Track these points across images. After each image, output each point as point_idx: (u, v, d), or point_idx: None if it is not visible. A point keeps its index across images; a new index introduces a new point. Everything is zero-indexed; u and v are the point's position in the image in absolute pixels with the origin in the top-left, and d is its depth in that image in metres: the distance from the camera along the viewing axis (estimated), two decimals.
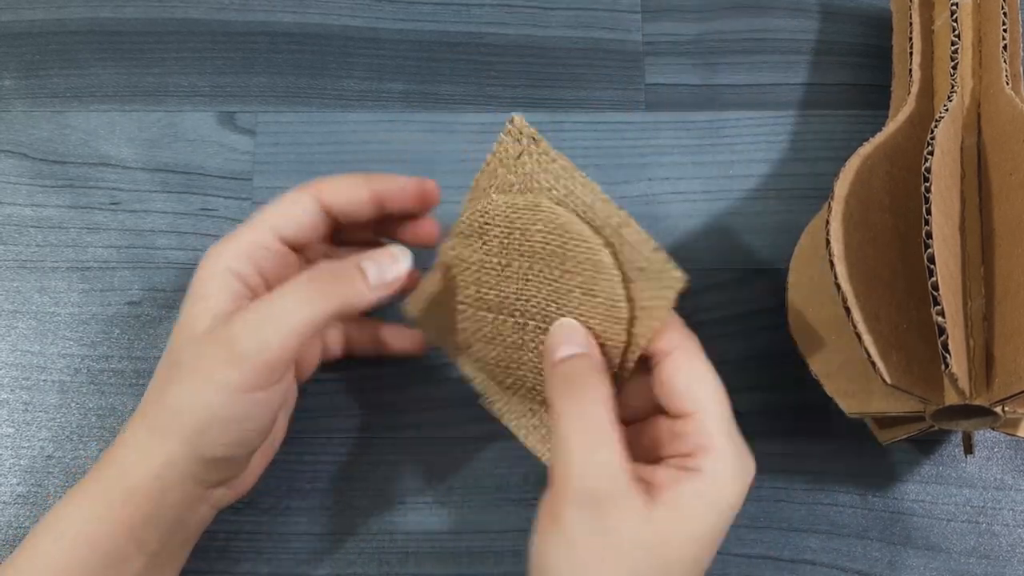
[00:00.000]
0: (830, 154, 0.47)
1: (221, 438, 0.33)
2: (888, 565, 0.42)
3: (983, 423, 0.36)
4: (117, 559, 0.33)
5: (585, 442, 0.30)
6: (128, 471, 0.33)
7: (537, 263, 0.35)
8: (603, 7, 0.49)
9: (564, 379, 0.32)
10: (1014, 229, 0.35)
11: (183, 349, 0.34)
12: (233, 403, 0.32)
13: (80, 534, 0.32)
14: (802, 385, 0.43)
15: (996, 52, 0.41)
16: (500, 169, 0.36)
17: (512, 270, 0.36)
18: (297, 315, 0.32)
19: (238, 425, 0.33)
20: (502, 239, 0.36)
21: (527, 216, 0.35)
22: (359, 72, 0.48)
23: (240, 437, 0.33)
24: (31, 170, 0.46)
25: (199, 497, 0.35)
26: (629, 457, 0.31)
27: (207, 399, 0.32)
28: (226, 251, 0.35)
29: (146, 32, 0.49)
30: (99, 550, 0.32)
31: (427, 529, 0.42)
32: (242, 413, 0.33)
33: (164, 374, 0.34)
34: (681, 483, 0.30)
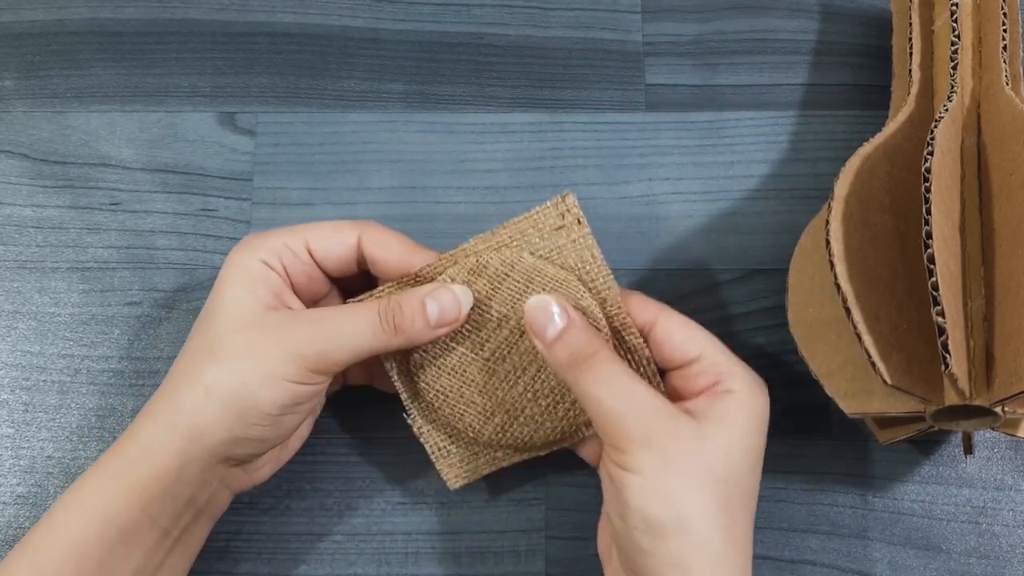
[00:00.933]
0: (830, 154, 0.47)
1: (259, 420, 0.34)
2: (888, 565, 0.42)
3: (983, 423, 0.36)
4: (131, 533, 0.33)
5: (617, 396, 0.33)
6: (151, 445, 0.34)
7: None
8: (603, 7, 0.49)
9: (567, 355, 0.34)
10: (1014, 229, 0.35)
11: (226, 333, 0.34)
12: (280, 391, 0.34)
13: (97, 507, 0.33)
14: (802, 385, 0.43)
15: (996, 52, 0.41)
16: (531, 231, 0.37)
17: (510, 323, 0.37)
18: (360, 341, 0.35)
19: (279, 411, 0.34)
20: (510, 291, 0.37)
21: (550, 284, 0.36)
22: (359, 72, 0.48)
23: (277, 422, 0.35)
24: (31, 170, 0.46)
25: (216, 475, 0.35)
26: (663, 395, 0.34)
27: (254, 383, 0.33)
28: (260, 245, 0.36)
29: (146, 32, 0.49)
30: (115, 524, 0.33)
31: (427, 529, 0.42)
32: (286, 401, 0.34)
33: (201, 354, 0.35)
34: (721, 402, 0.34)
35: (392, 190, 0.46)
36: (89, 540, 0.33)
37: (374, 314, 0.35)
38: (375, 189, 0.46)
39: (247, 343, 0.34)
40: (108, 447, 0.35)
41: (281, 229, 0.37)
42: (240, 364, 0.34)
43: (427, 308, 0.35)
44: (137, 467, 0.34)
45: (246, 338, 0.34)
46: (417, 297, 0.35)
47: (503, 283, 0.37)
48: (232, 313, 0.35)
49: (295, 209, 0.46)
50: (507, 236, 0.37)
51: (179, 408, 0.34)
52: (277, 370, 0.33)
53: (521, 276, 0.36)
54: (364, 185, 0.46)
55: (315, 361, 0.34)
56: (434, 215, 0.46)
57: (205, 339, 0.35)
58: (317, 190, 0.46)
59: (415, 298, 0.35)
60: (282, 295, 0.36)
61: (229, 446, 0.34)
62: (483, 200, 0.46)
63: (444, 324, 0.35)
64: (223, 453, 0.34)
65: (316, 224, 0.37)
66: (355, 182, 0.46)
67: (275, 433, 0.35)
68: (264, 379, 0.33)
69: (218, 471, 0.35)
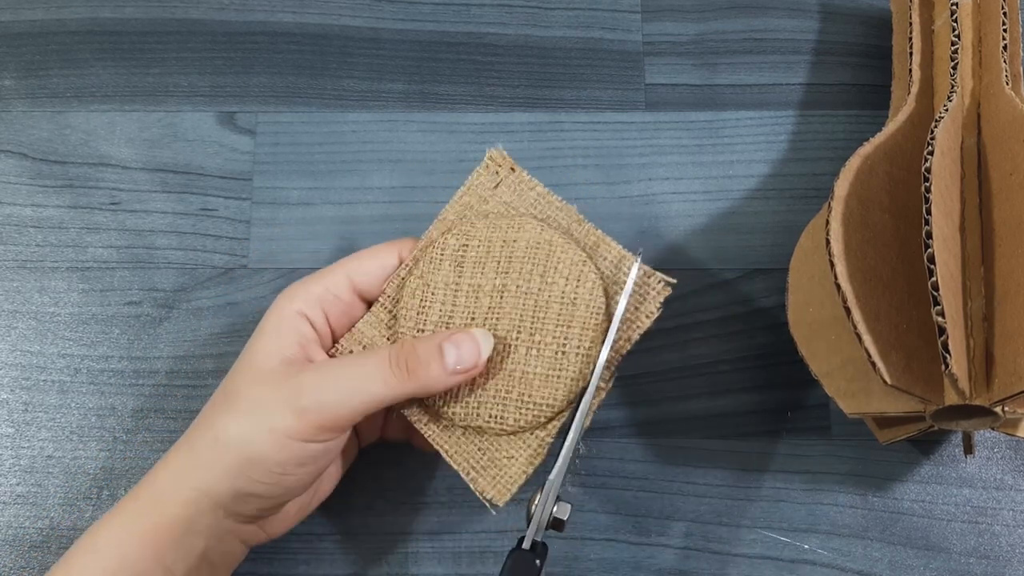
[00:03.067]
0: (830, 154, 0.47)
1: (262, 477, 0.33)
2: (888, 565, 0.42)
3: (983, 423, 0.36)
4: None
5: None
6: (164, 493, 0.33)
7: (514, 277, 0.36)
8: (603, 7, 0.49)
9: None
10: (1014, 229, 0.35)
11: (243, 384, 0.34)
12: (282, 448, 0.33)
13: (112, 551, 0.33)
14: (802, 385, 0.43)
15: (996, 52, 0.41)
16: (475, 201, 0.37)
17: (486, 290, 0.36)
18: (368, 388, 0.33)
19: (281, 469, 0.33)
20: (479, 259, 0.36)
21: (510, 233, 0.36)
22: (359, 72, 0.48)
23: (280, 480, 0.33)
24: (31, 170, 0.46)
25: (228, 530, 0.34)
26: None
27: (257, 437, 0.33)
28: (300, 294, 0.36)
29: (146, 32, 0.49)
30: (127, 568, 0.32)
31: (427, 529, 0.42)
32: (288, 459, 0.33)
33: (219, 403, 0.34)
34: None
35: (392, 190, 0.46)
36: None
37: (383, 361, 0.34)
38: (375, 189, 0.46)
39: (255, 396, 0.33)
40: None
41: (323, 271, 0.36)
42: (247, 417, 0.33)
43: (444, 353, 0.34)
44: (150, 514, 0.33)
45: (258, 391, 0.33)
46: (434, 342, 0.34)
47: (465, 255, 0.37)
48: (254, 364, 0.34)
49: (295, 209, 0.46)
50: (454, 215, 0.38)
51: (191, 456, 0.34)
52: (279, 426, 0.32)
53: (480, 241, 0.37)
54: (364, 185, 0.46)
55: (319, 416, 0.32)
56: (434, 215, 0.46)
57: (226, 389, 0.35)
58: (317, 189, 0.46)
59: (432, 343, 0.34)
60: (308, 348, 0.35)
61: (235, 501, 0.33)
62: None
63: (462, 371, 0.34)
64: (231, 508, 0.34)
65: (355, 256, 0.37)
66: (355, 182, 0.46)
67: (279, 491, 0.34)
68: (267, 435, 0.32)
69: (229, 526, 0.34)
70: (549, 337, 0.36)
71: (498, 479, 0.36)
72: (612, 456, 0.43)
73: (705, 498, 0.42)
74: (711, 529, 0.42)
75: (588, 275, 0.36)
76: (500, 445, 0.36)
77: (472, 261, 0.37)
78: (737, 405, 0.44)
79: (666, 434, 0.43)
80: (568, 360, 0.36)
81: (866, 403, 0.37)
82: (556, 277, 0.36)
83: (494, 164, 0.38)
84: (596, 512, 0.42)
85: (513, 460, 0.36)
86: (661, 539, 0.42)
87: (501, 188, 0.37)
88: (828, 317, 0.39)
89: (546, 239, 0.36)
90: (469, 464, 0.36)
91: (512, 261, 0.36)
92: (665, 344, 0.44)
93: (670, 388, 0.44)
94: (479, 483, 0.36)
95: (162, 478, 0.34)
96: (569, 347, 0.35)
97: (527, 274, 0.36)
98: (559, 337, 0.36)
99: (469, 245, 0.37)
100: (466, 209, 0.38)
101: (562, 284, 0.36)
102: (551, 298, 0.36)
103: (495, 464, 0.36)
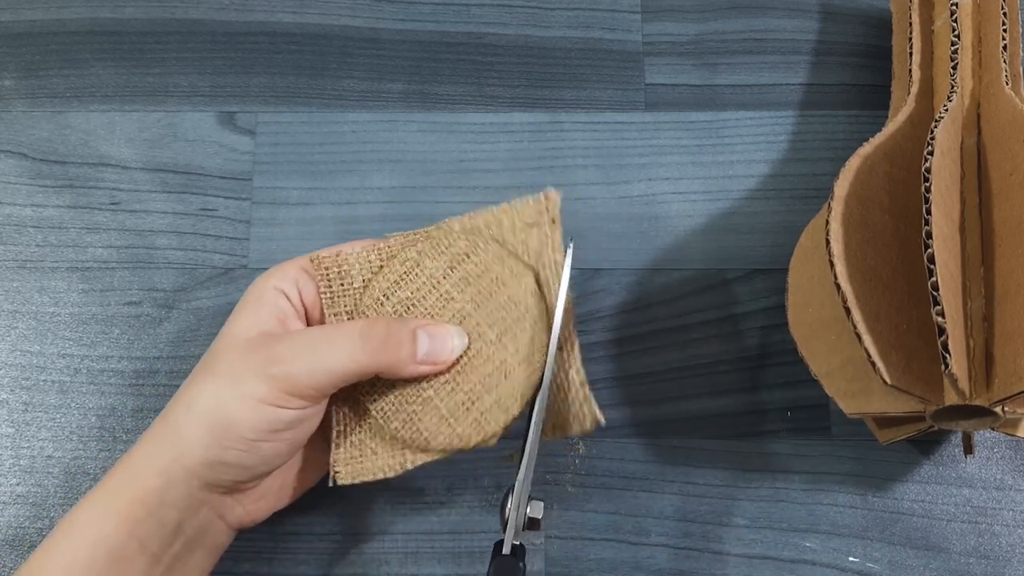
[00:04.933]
0: (830, 154, 0.47)
1: (235, 443, 0.33)
2: (888, 565, 0.42)
3: (983, 423, 0.36)
4: (121, 558, 0.33)
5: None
6: (138, 467, 0.34)
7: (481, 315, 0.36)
8: (603, 7, 0.49)
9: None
10: (1014, 229, 0.35)
11: (220, 353, 0.35)
12: (254, 412, 0.33)
13: (88, 530, 0.33)
14: (802, 385, 0.43)
15: (996, 52, 0.41)
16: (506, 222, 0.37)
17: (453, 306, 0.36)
18: (337, 363, 0.33)
19: (254, 435, 0.33)
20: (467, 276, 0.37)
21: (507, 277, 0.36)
22: (359, 72, 0.48)
23: (254, 447, 0.33)
24: (31, 170, 0.46)
25: (203, 501, 0.34)
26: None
27: (230, 402, 0.33)
28: (277, 272, 0.37)
29: (146, 32, 0.49)
30: (103, 546, 0.33)
31: (427, 529, 0.42)
32: (260, 423, 0.33)
33: (197, 375, 0.35)
34: None
35: (392, 190, 0.46)
36: (79, 562, 0.32)
37: (354, 334, 0.34)
38: (375, 189, 0.46)
39: (231, 362, 0.34)
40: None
41: (303, 256, 0.37)
42: (220, 382, 0.33)
43: (417, 339, 0.34)
44: (125, 489, 0.33)
45: (233, 358, 0.34)
46: (409, 326, 0.34)
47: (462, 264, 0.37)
48: (231, 335, 0.35)
49: (294, 209, 0.46)
50: (483, 221, 0.38)
51: (166, 428, 0.34)
52: (252, 390, 0.33)
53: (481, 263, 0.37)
54: (364, 185, 0.46)
55: (287, 383, 0.33)
56: (434, 215, 0.46)
57: (205, 361, 0.35)
58: (317, 190, 0.46)
59: (406, 326, 0.34)
60: (286, 321, 0.36)
61: (208, 468, 0.33)
62: (483, 200, 0.46)
63: (430, 362, 0.34)
64: (204, 476, 0.34)
65: (338, 247, 0.38)
66: (355, 182, 0.46)
67: (253, 460, 0.34)
68: (240, 399, 0.33)
69: (204, 496, 0.34)
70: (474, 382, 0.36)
71: (354, 462, 0.36)
72: (612, 456, 0.43)
73: (705, 498, 0.42)
74: (711, 529, 0.42)
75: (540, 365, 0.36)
76: (379, 441, 0.36)
77: (462, 274, 0.37)
78: (737, 405, 0.44)
79: (666, 434, 0.43)
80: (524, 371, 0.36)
81: (866, 403, 0.37)
82: (515, 344, 0.36)
83: (543, 204, 0.37)
84: (596, 512, 0.42)
85: (377, 456, 0.36)
86: (661, 539, 0.42)
87: (533, 231, 0.37)
88: (828, 317, 0.39)
89: (530, 305, 0.36)
90: (344, 437, 0.37)
91: (490, 300, 0.36)
92: (665, 344, 0.44)
93: (670, 388, 0.44)
94: (337, 454, 0.36)
95: (138, 453, 0.34)
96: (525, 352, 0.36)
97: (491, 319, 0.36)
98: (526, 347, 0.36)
99: (471, 259, 0.37)
100: (497, 223, 0.38)
101: (519, 336, 0.36)
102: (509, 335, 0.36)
103: (361, 448, 0.36)
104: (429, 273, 0.37)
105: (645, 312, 0.45)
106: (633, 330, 0.44)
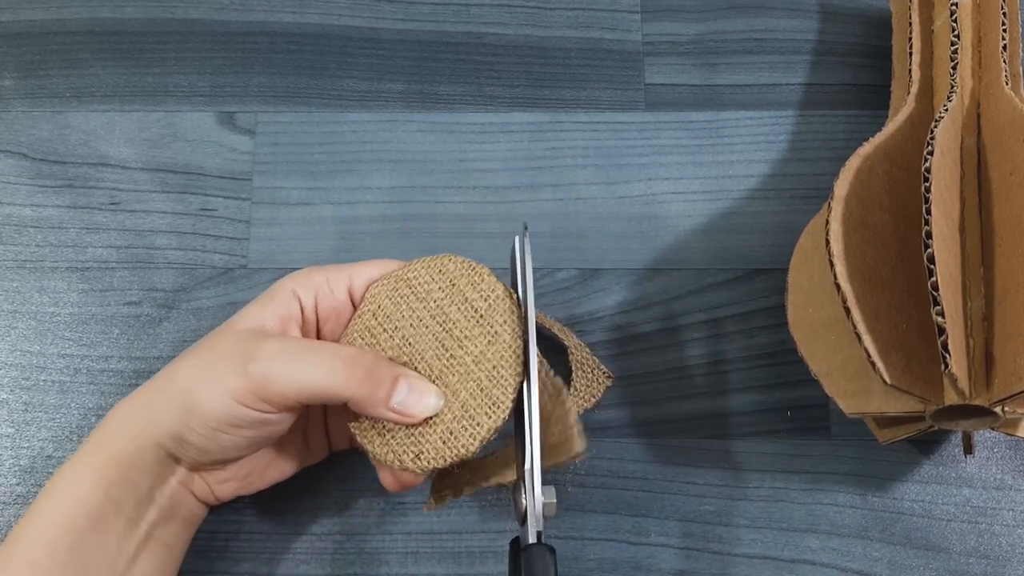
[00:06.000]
0: (830, 154, 0.47)
1: (197, 427, 0.34)
2: (888, 565, 0.42)
3: (983, 423, 0.36)
4: (97, 518, 0.33)
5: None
6: (115, 429, 0.35)
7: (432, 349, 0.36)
8: (603, 7, 0.49)
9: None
10: (1014, 229, 0.35)
11: (214, 337, 0.35)
12: (219, 403, 0.33)
13: (66, 491, 0.34)
14: (802, 385, 0.43)
15: (996, 52, 0.41)
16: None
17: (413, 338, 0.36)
18: (311, 379, 0.33)
19: (216, 424, 0.33)
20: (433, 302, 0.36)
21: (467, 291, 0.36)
22: (359, 72, 0.48)
23: (213, 436, 0.34)
24: (31, 170, 0.46)
25: (172, 472, 0.35)
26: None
27: (202, 387, 0.33)
28: (302, 277, 0.36)
29: (146, 32, 0.49)
30: (81, 507, 0.33)
31: (427, 529, 0.42)
32: (223, 416, 0.33)
33: (190, 350, 0.36)
34: None
35: (391, 190, 0.46)
36: (60, 524, 0.33)
37: (338, 357, 0.34)
38: (374, 189, 0.46)
39: (217, 349, 0.34)
40: None
41: (332, 266, 0.37)
42: (200, 363, 0.34)
43: (397, 385, 0.34)
44: (101, 450, 0.34)
45: (219, 345, 0.34)
46: (394, 371, 0.34)
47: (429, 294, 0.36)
48: (232, 323, 0.36)
49: (294, 209, 0.46)
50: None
51: (145, 395, 0.35)
52: (224, 381, 0.33)
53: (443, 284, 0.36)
54: (363, 185, 0.46)
55: (260, 384, 0.33)
56: (434, 215, 0.46)
57: (202, 340, 0.36)
58: (316, 189, 0.46)
59: (392, 369, 0.34)
60: (288, 325, 0.36)
61: (171, 441, 0.34)
62: (483, 200, 0.46)
63: (400, 412, 0.34)
64: (168, 448, 0.34)
65: (364, 263, 0.38)
66: (354, 182, 0.46)
67: (212, 447, 0.34)
68: (210, 385, 0.33)
69: (171, 467, 0.35)
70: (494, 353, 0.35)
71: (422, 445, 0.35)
72: (612, 456, 0.43)
73: (705, 498, 0.42)
74: (711, 529, 0.42)
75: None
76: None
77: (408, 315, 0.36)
78: (737, 405, 0.44)
79: (666, 434, 0.43)
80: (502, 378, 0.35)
81: (866, 403, 0.37)
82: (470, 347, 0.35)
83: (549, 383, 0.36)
84: (596, 512, 0.42)
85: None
86: (661, 539, 0.42)
87: (563, 396, 0.36)
88: (828, 317, 0.39)
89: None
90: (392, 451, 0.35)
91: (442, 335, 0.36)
92: (665, 344, 0.44)
93: (670, 388, 0.44)
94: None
95: (117, 416, 0.35)
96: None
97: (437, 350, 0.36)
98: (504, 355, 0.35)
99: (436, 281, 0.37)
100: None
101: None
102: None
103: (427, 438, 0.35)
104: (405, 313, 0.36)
105: (645, 312, 0.45)
106: (633, 330, 0.44)
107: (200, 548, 0.41)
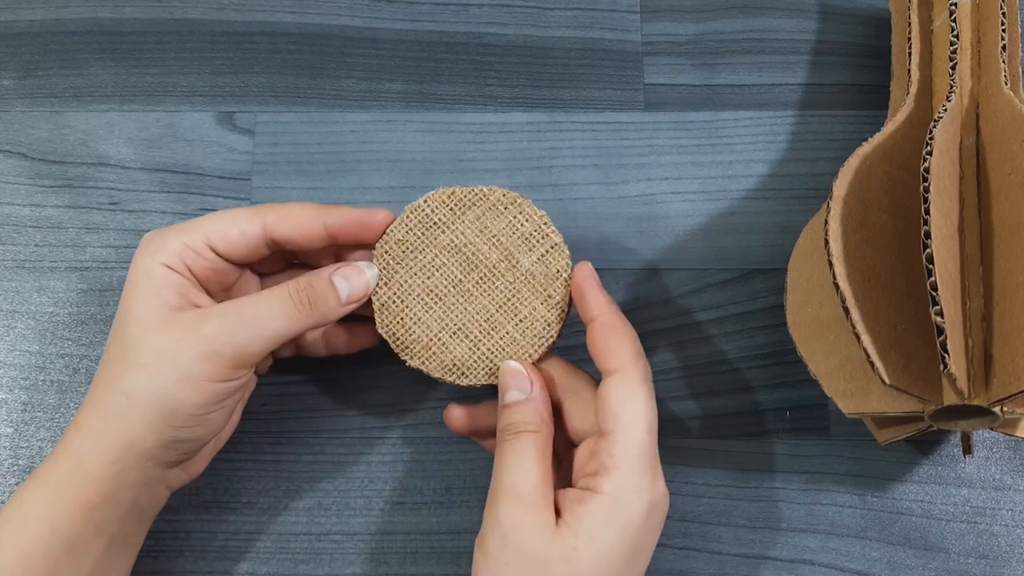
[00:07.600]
0: (829, 154, 0.47)
1: (185, 423, 0.34)
2: (887, 565, 0.42)
3: (982, 423, 0.36)
4: (77, 543, 0.33)
5: (506, 476, 0.34)
6: (85, 456, 0.34)
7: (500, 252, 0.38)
8: (602, 7, 0.49)
9: (507, 423, 0.36)
10: (1013, 229, 0.35)
11: (139, 336, 0.34)
12: (199, 392, 0.34)
13: (42, 519, 0.33)
14: (801, 385, 0.43)
15: (995, 52, 0.41)
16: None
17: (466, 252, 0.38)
18: (274, 325, 0.35)
19: (203, 411, 0.34)
20: (473, 217, 0.39)
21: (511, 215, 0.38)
22: (358, 72, 0.48)
23: (203, 421, 0.35)
24: (30, 170, 0.46)
25: (156, 479, 0.36)
26: (552, 483, 0.35)
27: (173, 387, 0.33)
28: (160, 248, 0.36)
29: (145, 32, 0.49)
30: (60, 534, 0.33)
31: (426, 529, 0.42)
32: (207, 400, 0.34)
33: (116, 360, 0.35)
34: (582, 503, 0.33)
35: (391, 190, 0.46)
36: (36, 553, 0.33)
37: (285, 296, 0.35)
38: (374, 189, 0.46)
39: (159, 346, 0.34)
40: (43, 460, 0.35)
41: (179, 226, 0.36)
42: (156, 369, 0.34)
43: (336, 285, 0.36)
44: (75, 478, 0.34)
45: (157, 341, 0.34)
46: (325, 275, 0.36)
47: (468, 210, 0.38)
48: (140, 319, 0.35)
49: None
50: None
51: (106, 418, 0.34)
52: (195, 372, 0.33)
53: (487, 208, 0.38)
54: (363, 185, 0.46)
55: (233, 357, 0.34)
56: None
57: (119, 347, 0.35)
58: (316, 190, 0.46)
59: (324, 276, 0.36)
60: (188, 295, 0.36)
61: (163, 450, 0.34)
62: None
63: (353, 300, 0.36)
64: (159, 458, 0.35)
65: (214, 216, 0.37)
66: (354, 182, 0.46)
67: (205, 431, 0.35)
68: (182, 382, 0.33)
69: (156, 473, 0.35)
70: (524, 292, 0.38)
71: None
72: None
73: (705, 498, 0.42)
74: (711, 529, 0.42)
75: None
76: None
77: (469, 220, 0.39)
78: (737, 405, 0.44)
79: (666, 434, 0.43)
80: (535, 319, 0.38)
81: (865, 403, 0.37)
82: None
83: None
84: None
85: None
86: (661, 539, 0.42)
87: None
88: (827, 317, 0.39)
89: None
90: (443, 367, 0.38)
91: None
92: (665, 344, 0.44)
93: (670, 388, 0.44)
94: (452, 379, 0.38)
95: (78, 442, 0.34)
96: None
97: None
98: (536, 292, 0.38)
99: (476, 205, 0.39)
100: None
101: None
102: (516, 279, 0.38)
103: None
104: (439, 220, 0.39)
105: (645, 312, 0.45)
106: None
107: (200, 548, 0.41)
